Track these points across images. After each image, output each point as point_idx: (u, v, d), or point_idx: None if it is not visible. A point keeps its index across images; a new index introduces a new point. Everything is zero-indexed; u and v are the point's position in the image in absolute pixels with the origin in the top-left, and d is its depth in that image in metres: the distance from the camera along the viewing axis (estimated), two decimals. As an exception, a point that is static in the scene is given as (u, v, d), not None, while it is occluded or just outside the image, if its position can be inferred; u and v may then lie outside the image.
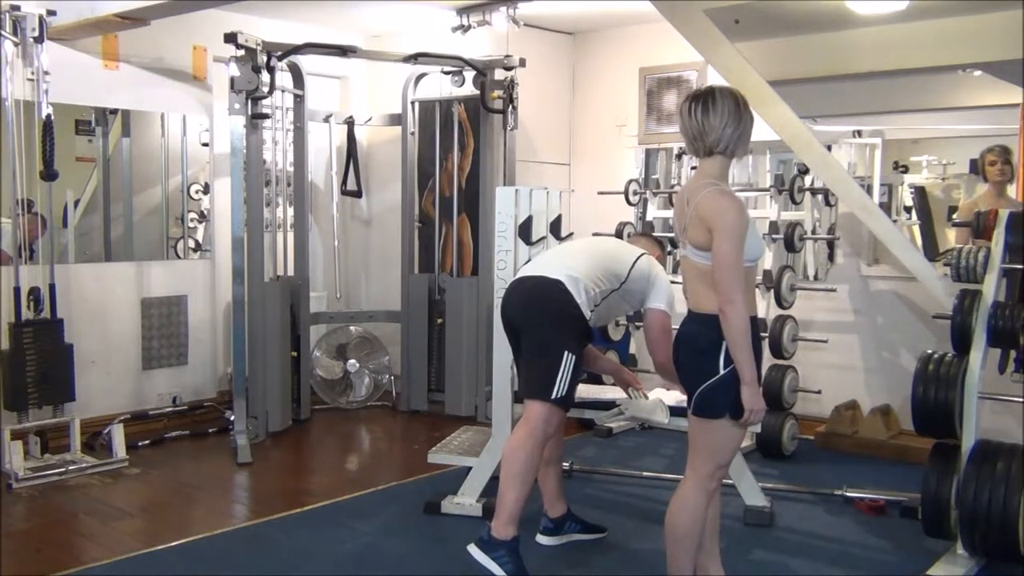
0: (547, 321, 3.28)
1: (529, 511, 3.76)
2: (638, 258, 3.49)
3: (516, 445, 3.20)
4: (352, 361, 6.06)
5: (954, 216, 5.25)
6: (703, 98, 2.65)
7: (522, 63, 5.55)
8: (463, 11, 5.40)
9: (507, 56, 5.56)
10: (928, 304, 4.65)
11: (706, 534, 2.86)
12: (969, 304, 3.47)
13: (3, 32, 4.50)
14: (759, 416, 2.65)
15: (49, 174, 4.59)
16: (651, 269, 3.49)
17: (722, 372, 2.61)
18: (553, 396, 3.19)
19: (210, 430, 5.32)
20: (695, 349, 2.68)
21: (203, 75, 5.52)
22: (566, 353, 3.20)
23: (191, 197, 5.59)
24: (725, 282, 2.55)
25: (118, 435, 4.71)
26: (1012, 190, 4.79)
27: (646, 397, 3.69)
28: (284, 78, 5.52)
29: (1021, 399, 3.57)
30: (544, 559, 3.50)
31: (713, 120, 2.62)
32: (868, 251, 5.14)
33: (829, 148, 4.74)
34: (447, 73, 5.69)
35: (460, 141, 5.86)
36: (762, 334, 4.60)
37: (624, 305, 3.58)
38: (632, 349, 5.65)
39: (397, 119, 6.00)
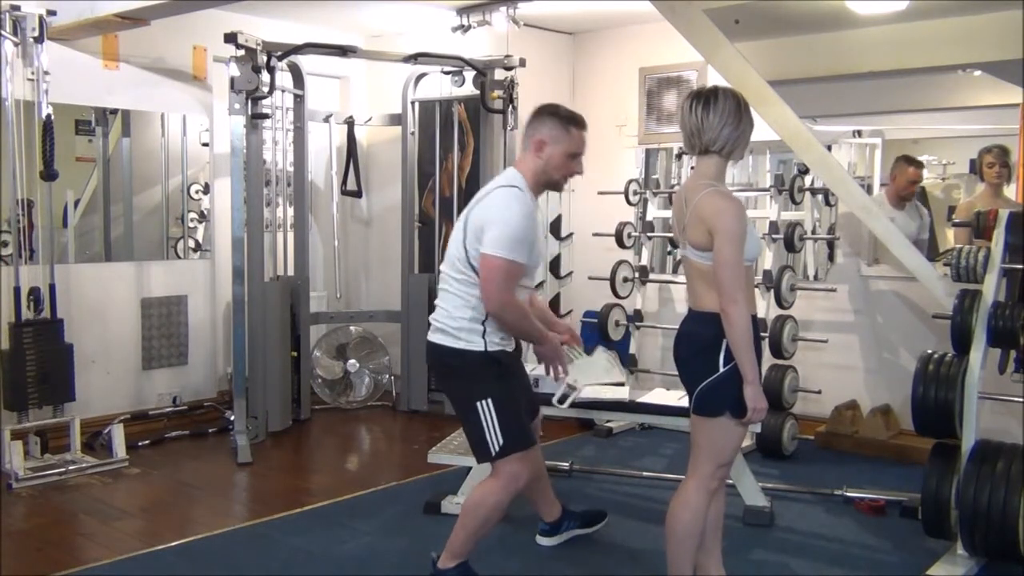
0: (447, 384, 3.14)
1: (529, 512, 3.76)
2: (470, 214, 2.96)
3: (478, 499, 3.01)
4: (352, 361, 6.06)
5: (954, 216, 5.26)
6: (705, 96, 2.68)
7: (522, 63, 5.55)
8: (463, 11, 5.40)
9: (507, 56, 5.56)
10: (928, 304, 4.65)
11: (707, 534, 2.86)
12: (969, 304, 3.47)
13: (3, 32, 4.50)
14: (761, 415, 2.65)
15: (49, 174, 4.59)
16: (480, 204, 2.95)
17: (722, 370, 2.63)
18: (494, 454, 2.94)
19: (210, 430, 5.32)
20: (696, 348, 2.70)
21: (203, 75, 5.52)
22: (478, 404, 2.92)
23: (191, 197, 5.59)
24: (727, 282, 2.57)
25: (118, 435, 4.71)
26: (1010, 191, 4.80)
27: (587, 354, 3.36)
28: (284, 78, 5.52)
29: (1021, 399, 3.57)
30: (544, 559, 3.50)
31: (712, 118, 2.65)
32: (868, 251, 5.14)
33: (829, 148, 4.74)
34: (447, 73, 5.69)
35: (460, 141, 5.86)
36: (762, 334, 4.64)
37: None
38: (632, 349, 5.65)
39: (397, 119, 6.00)
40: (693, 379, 2.71)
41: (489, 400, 2.92)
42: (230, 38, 4.77)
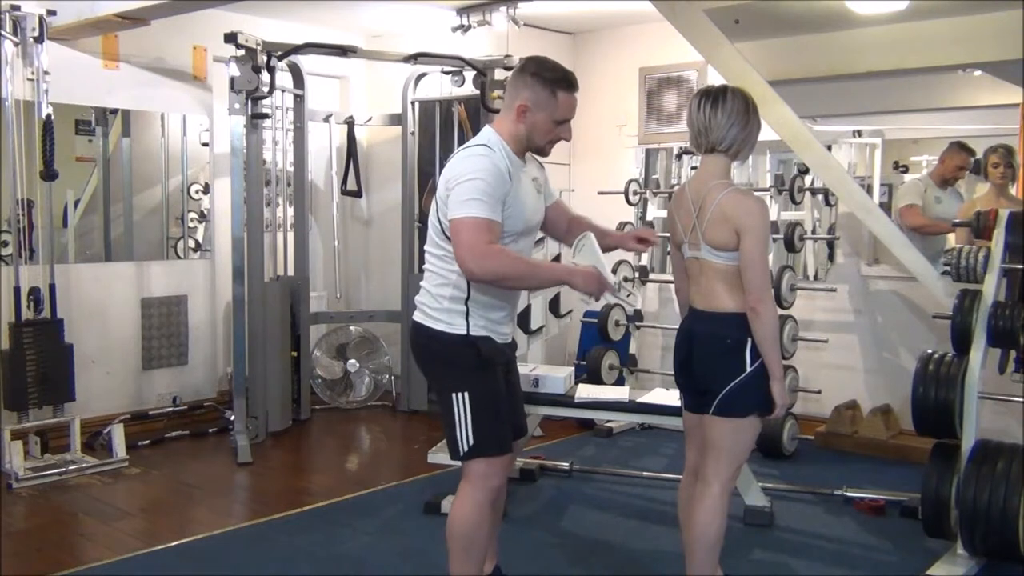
0: (425, 368, 2.83)
1: (528, 511, 3.77)
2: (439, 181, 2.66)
3: (454, 516, 2.69)
4: (352, 361, 6.06)
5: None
6: (714, 94, 2.67)
7: (522, 63, 5.54)
8: (463, 11, 5.40)
9: (507, 56, 5.55)
10: (928, 304, 4.65)
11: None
12: (969, 304, 3.47)
13: (3, 32, 4.50)
14: (783, 411, 2.68)
15: (49, 174, 4.59)
16: (446, 168, 2.64)
17: (749, 369, 2.62)
18: (462, 453, 2.64)
19: (210, 430, 5.32)
20: (720, 349, 2.67)
21: (203, 75, 5.52)
22: (454, 396, 2.63)
23: (191, 197, 5.59)
24: (756, 280, 2.58)
25: (118, 435, 4.71)
26: (1014, 190, 4.80)
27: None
28: (284, 78, 5.52)
29: (1021, 399, 3.57)
30: (543, 559, 3.50)
31: (720, 117, 2.64)
32: (868, 251, 5.14)
33: (829, 148, 4.74)
34: (447, 73, 5.69)
35: (460, 141, 5.85)
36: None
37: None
38: (632, 349, 5.65)
39: (397, 119, 6.00)
40: (715, 380, 2.66)
41: (465, 393, 2.64)
42: (230, 38, 4.77)
